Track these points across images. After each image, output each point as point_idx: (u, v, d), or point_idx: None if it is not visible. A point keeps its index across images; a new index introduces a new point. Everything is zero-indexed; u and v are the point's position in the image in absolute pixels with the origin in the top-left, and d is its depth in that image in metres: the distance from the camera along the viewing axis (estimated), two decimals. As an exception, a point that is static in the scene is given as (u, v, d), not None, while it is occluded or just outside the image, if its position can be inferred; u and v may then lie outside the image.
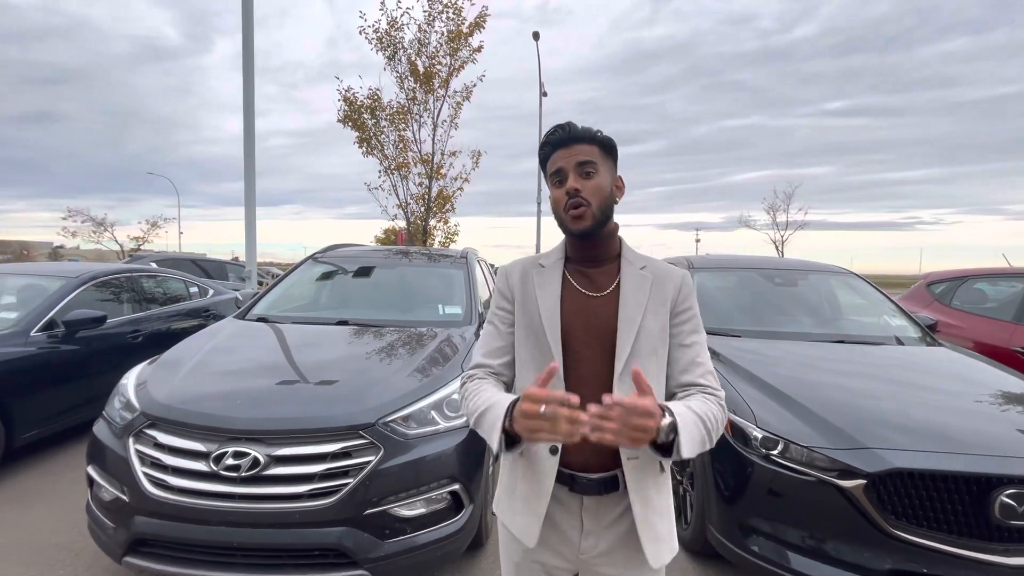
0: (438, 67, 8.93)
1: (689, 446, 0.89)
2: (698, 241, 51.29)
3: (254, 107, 7.58)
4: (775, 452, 2.11)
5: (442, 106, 9.38)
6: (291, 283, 3.76)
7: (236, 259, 13.83)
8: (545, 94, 18.58)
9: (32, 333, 3.52)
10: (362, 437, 1.99)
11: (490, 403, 1.00)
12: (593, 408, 0.84)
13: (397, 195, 9.55)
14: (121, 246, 32.38)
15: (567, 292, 1.10)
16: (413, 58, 8.87)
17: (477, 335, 2.93)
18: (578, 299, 1.09)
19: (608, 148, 1.09)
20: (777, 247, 32.59)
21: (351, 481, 1.93)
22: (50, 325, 3.65)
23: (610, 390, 1.02)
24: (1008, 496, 1.81)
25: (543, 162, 1.11)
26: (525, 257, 1.21)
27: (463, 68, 9.20)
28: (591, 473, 1.04)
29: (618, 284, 1.09)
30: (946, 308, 4.87)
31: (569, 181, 1.03)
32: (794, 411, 2.22)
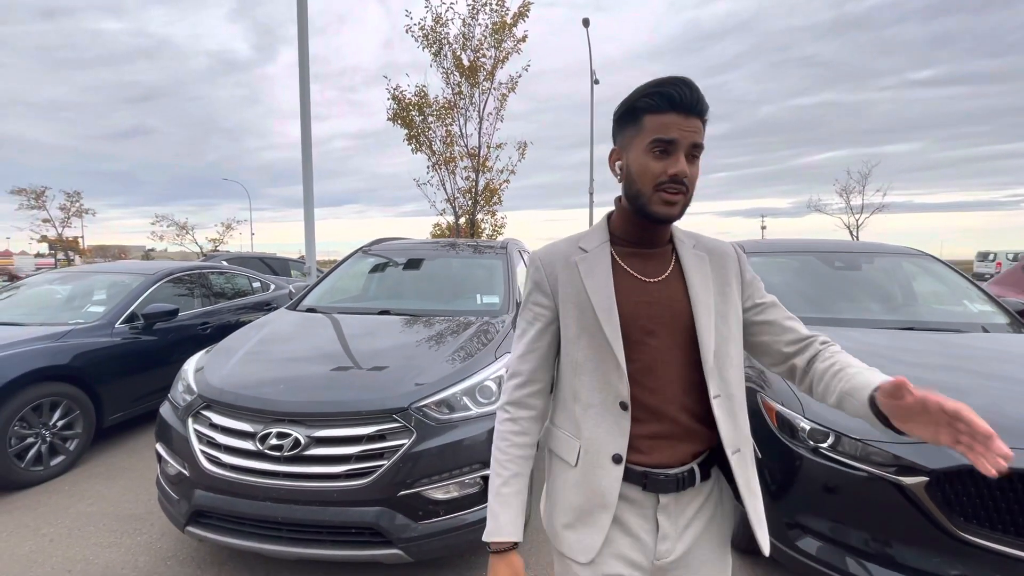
0: (482, 60, 8.98)
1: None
2: (764, 228, 48.68)
3: (310, 111, 7.95)
4: (825, 445, 1.96)
5: (487, 98, 9.43)
6: (339, 276, 3.92)
7: (301, 257, 14.63)
8: (597, 82, 18.19)
9: (116, 325, 3.89)
10: (395, 421, 2.05)
11: (494, 513, 0.95)
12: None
13: (445, 189, 9.74)
14: (201, 247, 35.16)
15: (621, 278, 0.97)
16: (458, 52, 8.97)
17: (514, 323, 2.93)
18: (635, 284, 0.96)
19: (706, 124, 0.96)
20: (851, 231, 30.20)
21: (385, 463, 1.99)
22: (131, 318, 4.02)
23: (690, 384, 0.94)
24: (1103, 500, 1.59)
25: (641, 113, 0.91)
26: (560, 240, 1.05)
27: (508, 59, 9.20)
28: (668, 469, 0.93)
29: (677, 267, 0.99)
30: (1045, 293, 4.34)
31: (680, 163, 0.89)
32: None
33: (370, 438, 2.03)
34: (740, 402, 0.97)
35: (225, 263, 8.09)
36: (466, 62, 8.98)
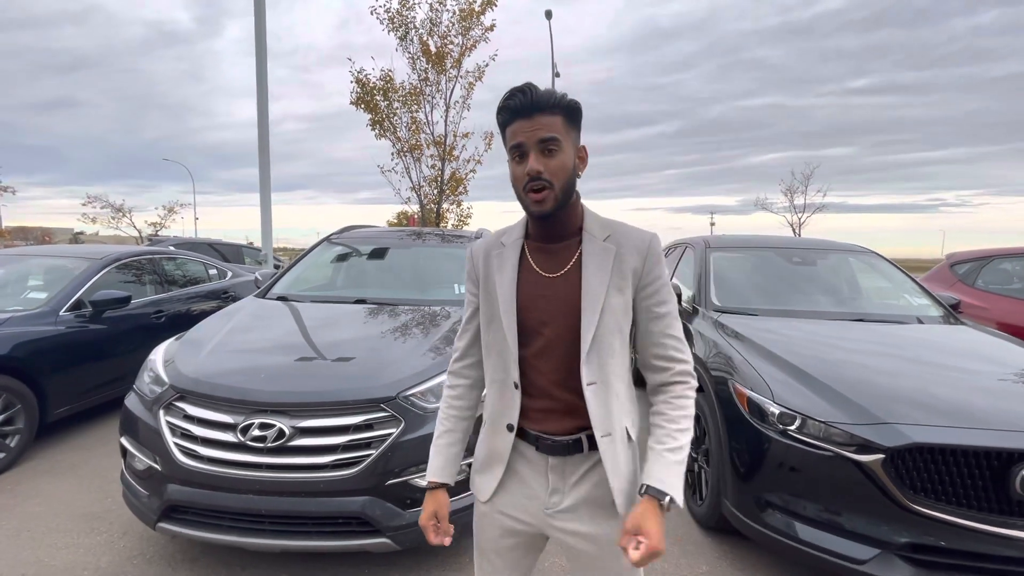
0: (450, 47, 8.84)
1: (680, 492, 0.98)
2: (713, 224, 50.67)
3: (267, 91, 7.60)
4: (792, 428, 2.11)
5: (454, 87, 9.30)
6: (309, 263, 3.81)
7: (251, 244, 14.01)
8: (558, 75, 18.29)
9: (61, 313, 3.63)
10: (383, 410, 2.03)
11: (430, 458, 1.18)
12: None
13: (410, 177, 9.57)
14: (139, 231, 32.95)
15: (524, 273, 1.07)
16: (425, 38, 8.79)
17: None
18: (536, 280, 1.06)
19: (573, 115, 1.00)
20: (794, 230, 32.01)
21: (373, 452, 1.98)
22: (78, 305, 3.75)
23: (577, 370, 1.03)
24: (1030, 471, 1.80)
25: (502, 128, 1.02)
26: (491, 235, 1.17)
27: (475, 47, 9.10)
28: (556, 436, 1.07)
29: (579, 261, 1.04)
30: (970, 289, 4.78)
31: (530, 162, 0.96)
32: (812, 387, 2.21)
33: (357, 428, 2.01)
34: (617, 391, 1.04)
35: (172, 248, 7.67)
36: (433, 48, 8.81)
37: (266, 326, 2.70)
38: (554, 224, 1.05)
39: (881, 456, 1.89)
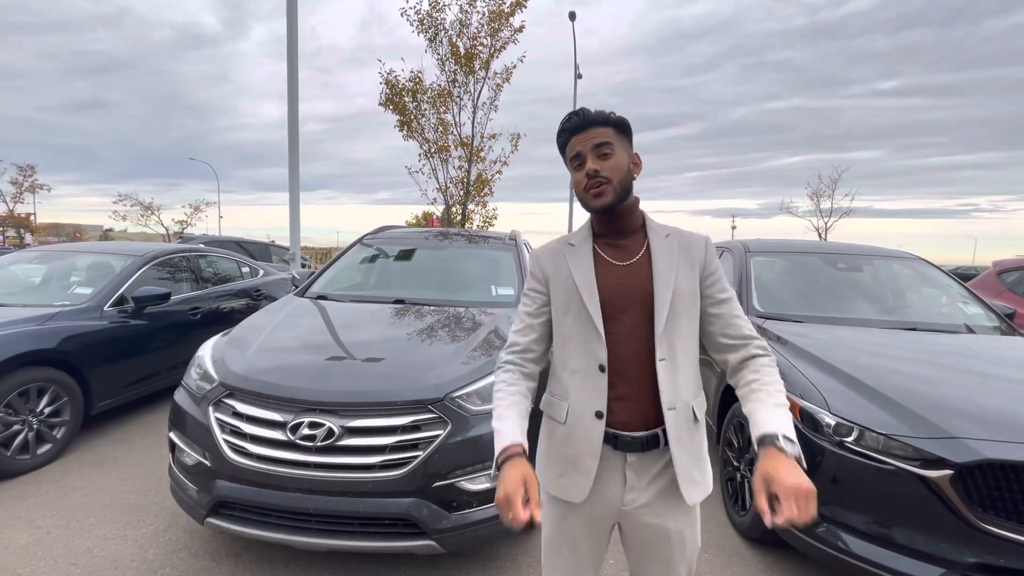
0: (479, 48, 8.86)
1: (795, 442, 0.97)
2: (734, 228, 49.88)
3: (298, 91, 7.70)
4: (850, 439, 2.04)
5: (482, 88, 9.32)
6: (345, 263, 3.83)
7: (273, 242, 14.21)
8: (580, 76, 18.22)
9: (105, 308, 3.71)
10: (431, 411, 2.02)
11: (498, 430, 1.08)
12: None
13: (437, 179, 9.60)
14: (167, 229, 33.79)
15: (600, 264, 1.16)
16: (454, 39, 8.82)
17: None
18: (611, 269, 1.15)
19: (622, 128, 1.14)
20: (820, 234, 31.27)
21: (420, 454, 1.97)
22: (120, 301, 3.84)
23: (651, 348, 1.10)
24: (1112, 492, 1.71)
25: (562, 149, 1.18)
26: (555, 240, 1.26)
27: (504, 49, 9.10)
28: (634, 432, 1.11)
29: (647, 251, 1.16)
30: (1019, 298, 4.60)
31: (588, 163, 1.10)
32: (868, 397, 2.14)
33: (404, 429, 2.00)
34: (683, 367, 1.11)
35: (203, 246, 7.82)
36: (462, 50, 8.84)
37: (310, 325, 2.72)
38: (619, 218, 1.16)
39: (950, 472, 1.81)
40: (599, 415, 1.11)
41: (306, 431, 1.95)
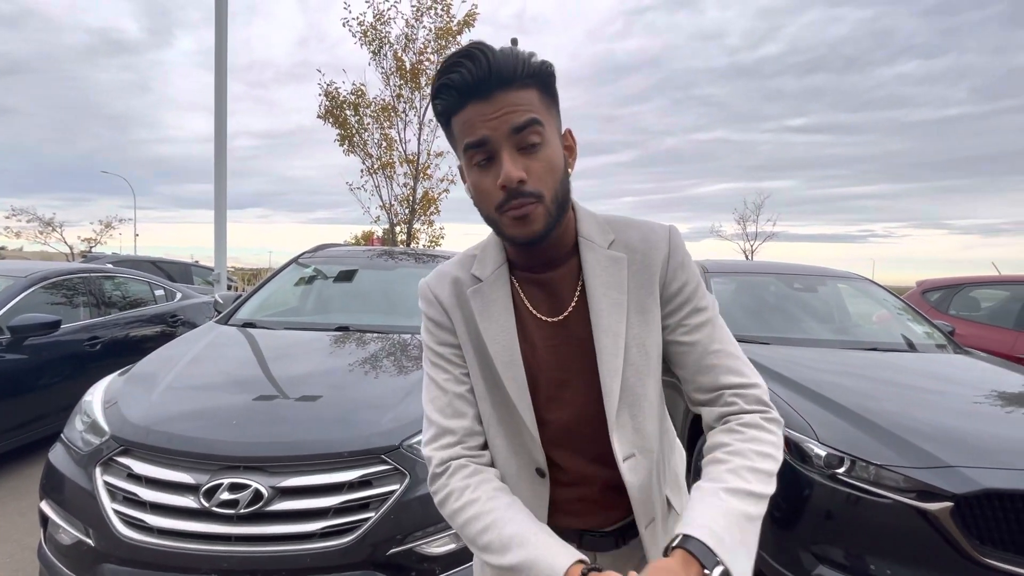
0: (425, 64, 8.64)
1: (745, 564, 0.60)
2: (668, 250, 52.27)
3: (226, 103, 7.13)
4: (841, 471, 1.92)
5: (428, 105, 9.08)
6: (278, 285, 3.40)
7: (196, 262, 13.08)
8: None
9: (-29, 340, 3.05)
10: (385, 462, 1.70)
11: (532, 560, 0.64)
12: None
13: (380, 196, 9.18)
14: (71, 248, 30.54)
15: (523, 320, 0.77)
16: (400, 54, 8.56)
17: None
18: (538, 327, 0.77)
19: (548, 84, 0.69)
20: (747, 256, 33.52)
21: (372, 515, 1.63)
22: (-7, 331, 3.18)
23: (606, 439, 0.75)
24: (1105, 518, 1.67)
25: (445, 118, 0.69)
26: (451, 263, 0.83)
27: (450, 67, 8.94)
28: (604, 527, 0.82)
29: (584, 288, 0.76)
30: (943, 315, 4.88)
31: (505, 165, 0.65)
32: (855, 424, 2.04)
33: (352, 486, 1.66)
34: (659, 459, 0.79)
35: (110, 266, 6.94)
36: (408, 65, 8.59)
37: (233, 359, 2.30)
38: (546, 248, 0.74)
39: (949, 504, 1.72)
40: None
41: (226, 495, 1.56)
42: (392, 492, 1.67)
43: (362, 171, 9.02)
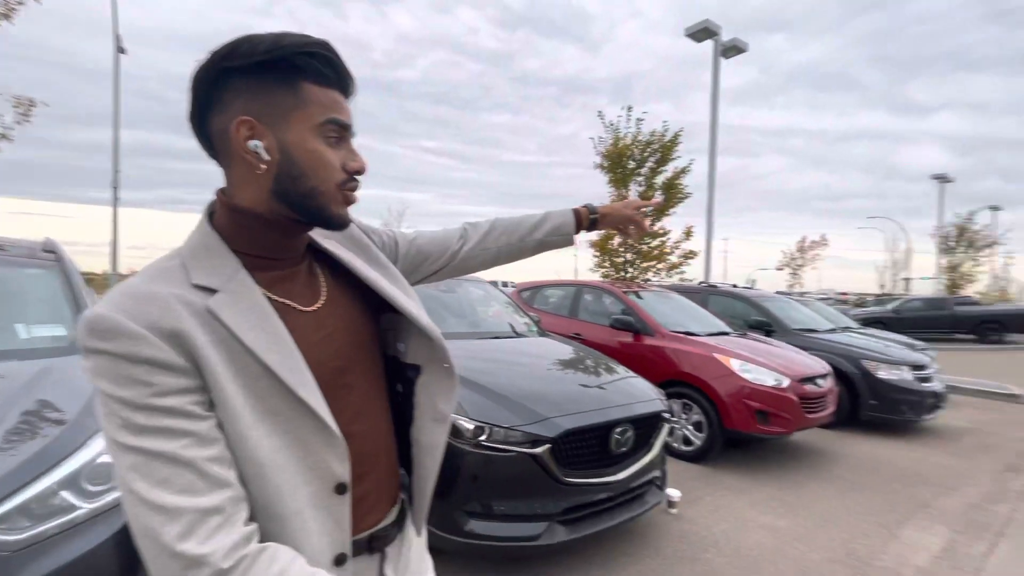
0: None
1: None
2: (314, 250, 50.83)
3: None
4: (484, 438, 2.38)
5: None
6: None
7: None
8: (123, 51, 14.45)
9: None
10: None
11: None
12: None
13: None
14: None
15: (286, 317, 0.69)
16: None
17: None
18: (300, 320, 0.71)
19: None
20: (390, 260, 36.15)
21: None
22: None
23: (389, 418, 0.84)
24: (617, 433, 2.65)
25: (292, 77, 0.65)
26: (142, 282, 0.61)
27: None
28: (384, 520, 0.80)
29: (330, 273, 0.79)
30: (533, 309, 6.62)
31: (359, 154, 0.72)
32: (488, 397, 2.56)
33: None
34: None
35: None
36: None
37: None
38: (299, 234, 0.74)
39: (548, 446, 2.38)
40: (341, 560, 0.69)
41: None
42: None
43: None
